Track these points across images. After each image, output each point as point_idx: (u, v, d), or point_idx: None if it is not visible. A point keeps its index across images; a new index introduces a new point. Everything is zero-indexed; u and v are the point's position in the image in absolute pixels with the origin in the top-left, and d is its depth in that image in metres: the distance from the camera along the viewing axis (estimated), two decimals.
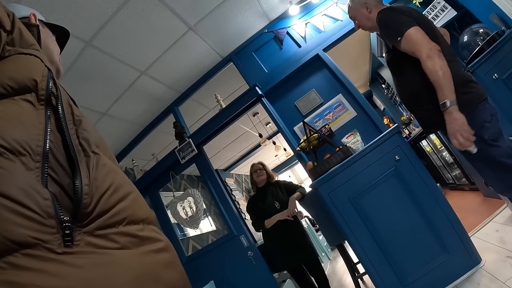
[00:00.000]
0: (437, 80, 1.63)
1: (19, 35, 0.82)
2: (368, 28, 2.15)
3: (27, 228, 0.53)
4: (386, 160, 2.49)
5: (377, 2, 2.07)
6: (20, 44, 0.82)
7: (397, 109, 7.36)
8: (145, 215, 0.78)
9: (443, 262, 2.27)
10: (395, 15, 1.84)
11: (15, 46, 0.81)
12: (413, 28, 1.72)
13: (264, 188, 3.55)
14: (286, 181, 3.75)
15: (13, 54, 0.78)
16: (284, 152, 8.62)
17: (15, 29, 0.82)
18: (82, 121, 0.81)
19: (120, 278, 0.61)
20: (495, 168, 1.70)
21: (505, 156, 1.65)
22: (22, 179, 0.57)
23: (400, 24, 1.77)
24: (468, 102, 1.68)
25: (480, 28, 2.85)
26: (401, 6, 1.93)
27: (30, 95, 0.73)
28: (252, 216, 3.49)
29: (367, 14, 2.07)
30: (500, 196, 2.66)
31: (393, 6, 1.93)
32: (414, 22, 1.75)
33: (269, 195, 3.47)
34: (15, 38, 0.81)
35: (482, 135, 1.66)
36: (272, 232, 3.28)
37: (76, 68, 3.13)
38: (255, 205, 3.47)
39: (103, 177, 0.73)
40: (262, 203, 3.43)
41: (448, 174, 4.79)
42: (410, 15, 1.81)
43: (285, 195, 3.45)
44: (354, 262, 3.03)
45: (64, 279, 0.53)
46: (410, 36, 1.72)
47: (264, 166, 3.68)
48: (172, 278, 0.73)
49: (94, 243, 0.62)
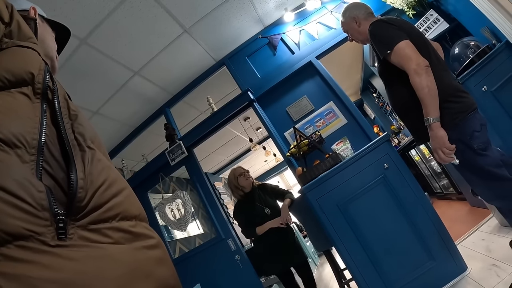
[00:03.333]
0: (423, 97, 1.67)
1: (17, 27, 0.82)
2: (360, 41, 2.19)
3: (21, 220, 0.53)
4: (375, 168, 2.52)
5: (366, 15, 2.11)
6: (18, 36, 0.82)
7: (387, 118, 7.44)
8: (138, 212, 0.78)
9: (430, 269, 2.31)
10: (386, 27, 1.86)
11: (13, 38, 0.80)
12: (403, 42, 1.74)
13: (251, 193, 3.34)
14: (272, 184, 3.56)
15: (11, 46, 0.77)
16: (273, 158, 8.63)
17: (14, 22, 0.81)
18: (78, 116, 0.81)
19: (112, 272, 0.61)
20: (483, 177, 1.73)
21: (493, 165, 1.68)
22: (17, 171, 0.57)
23: (390, 37, 1.79)
24: (459, 111, 1.72)
25: (472, 41, 2.91)
26: (393, 18, 1.95)
27: (26, 88, 0.72)
28: (242, 223, 3.29)
29: (357, 27, 2.13)
30: (486, 205, 2.71)
31: (385, 18, 1.94)
32: (405, 35, 1.78)
33: (257, 200, 3.28)
34: (13, 30, 0.81)
35: (471, 144, 1.69)
36: (265, 237, 3.13)
37: (69, 65, 3.11)
38: (244, 211, 3.28)
39: (98, 172, 0.73)
40: (251, 209, 3.24)
41: (436, 183, 4.86)
42: (401, 27, 1.83)
43: (273, 200, 3.34)
44: (341, 268, 3.03)
45: (57, 271, 0.53)
46: (400, 50, 1.74)
47: (245, 170, 3.47)
48: (164, 275, 0.73)
49: (87, 237, 0.62)
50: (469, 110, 1.72)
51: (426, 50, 1.81)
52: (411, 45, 1.74)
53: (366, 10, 2.14)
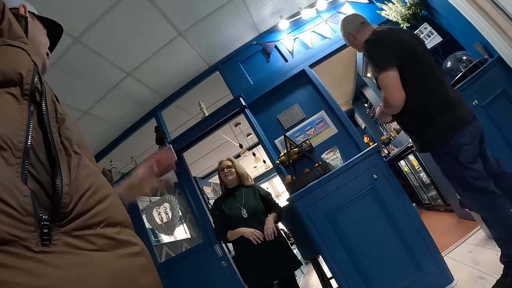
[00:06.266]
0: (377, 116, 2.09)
1: (8, 26, 0.81)
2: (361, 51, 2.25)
3: (5, 224, 0.52)
4: (364, 178, 2.53)
5: (358, 27, 2.18)
6: (9, 35, 0.80)
7: (378, 129, 7.51)
8: (123, 219, 0.77)
9: (416, 280, 2.31)
10: (378, 47, 1.90)
11: (3, 37, 0.79)
12: (387, 73, 1.80)
13: (234, 190, 2.99)
14: (266, 190, 3.15)
15: (1, 45, 0.76)
16: (263, 164, 8.64)
17: (5, 20, 0.80)
18: (65, 120, 0.79)
19: (95, 280, 0.60)
20: (467, 189, 1.82)
21: (477, 178, 1.77)
22: (2, 174, 0.56)
23: (380, 61, 1.86)
24: (449, 127, 1.80)
25: (464, 55, 2.96)
26: (387, 32, 1.97)
27: (14, 88, 0.71)
28: (215, 222, 2.99)
29: (354, 42, 2.23)
30: (474, 218, 2.75)
31: (380, 33, 1.98)
32: (395, 58, 1.82)
33: (238, 198, 2.90)
34: (4, 28, 0.80)
35: (458, 158, 1.78)
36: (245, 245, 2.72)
37: (62, 63, 3.08)
38: (219, 209, 2.91)
39: (84, 178, 0.72)
40: (227, 208, 2.87)
41: (425, 194, 4.90)
42: (393, 47, 1.86)
43: (257, 202, 2.90)
44: (328, 277, 3.04)
45: (40, 278, 0.52)
46: (383, 80, 1.82)
47: (234, 163, 3.07)
48: (148, 283, 0.73)
49: (71, 244, 0.61)
50: (459, 126, 1.79)
51: (418, 64, 1.86)
52: (394, 78, 1.80)
53: (357, 22, 2.21)
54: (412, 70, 1.84)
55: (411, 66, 1.83)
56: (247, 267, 2.82)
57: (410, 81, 1.82)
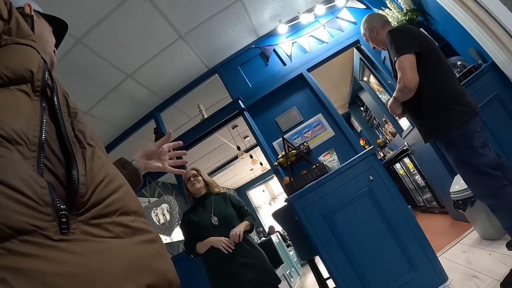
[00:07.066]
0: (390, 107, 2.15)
1: (16, 24, 0.82)
2: (380, 47, 2.35)
3: (25, 215, 0.54)
4: (360, 180, 2.58)
5: (382, 24, 2.27)
6: (17, 34, 0.81)
7: (374, 132, 7.56)
8: (136, 208, 0.79)
9: (411, 279, 2.36)
10: (401, 35, 2.00)
11: (12, 35, 0.80)
12: (408, 56, 1.89)
13: (203, 199, 2.74)
14: (238, 198, 2.88)
15: (10, 43, 0.77)
16: (260, 167, 8.65)
17: (12, 19, 0.81)
18: (77, 114, 0.81)
19: (114, 265, 0.63)
20: (478, 175, 1.86)
21: (488, 165, 1.82)
22: (20, 167, 0.58)
23: (400, 46, 1.94)
24: (465, 113, 1.88)
25: (458, 60, 3.02)
26: (409, 27, 2.13)
27: (26, 85, 0.72)
28: (184, 236, 2.71)
29: (375, 36, 2.30)
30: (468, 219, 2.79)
31: (401, 27, 2.11)
32: (416, 44, 1.93)
33: (208, 206, 2.67)
34: (12, 27, 0.81)
35: (472, 143, 1.84)
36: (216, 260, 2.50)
37: (64, 64, 3.11)
38: (188, 220, 2.67)
39: (98, 169, 0.74)
40: (196, 217, 2.63)
41: (420, 197, 4.95)
42: (416, 34, 2.00)
43: (228, 209, 2.68)
44: (324, 278, 3.06)
45: (61, 265, 0.54)
46: (400, 62, 1.90)
47: (199, 172, 2.86)
48: (162, 268, 0.75)
49: (89, 232, 0.63)
50: (473, 113, 1.88)
51: (436, 55, 1.98)
52: (412, 61, 1.89)
53: (382, 19, 2.31)
54: (431, 58, 1.94)
55: (431, 55, 1.94)
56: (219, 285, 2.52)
57: (428, 67, 1.93)
